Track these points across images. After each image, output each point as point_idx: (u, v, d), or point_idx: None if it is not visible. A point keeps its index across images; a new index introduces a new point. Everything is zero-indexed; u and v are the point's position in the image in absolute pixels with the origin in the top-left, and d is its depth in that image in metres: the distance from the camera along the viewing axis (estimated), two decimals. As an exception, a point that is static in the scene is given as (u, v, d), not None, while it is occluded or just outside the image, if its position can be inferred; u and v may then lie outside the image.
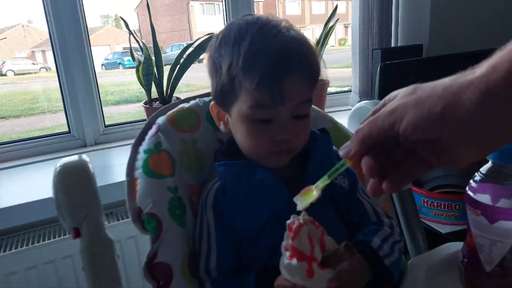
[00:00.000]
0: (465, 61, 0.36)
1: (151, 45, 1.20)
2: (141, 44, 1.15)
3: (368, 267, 0.56)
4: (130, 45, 1.17)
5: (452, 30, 1.51)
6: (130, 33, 1.15)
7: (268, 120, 0.59)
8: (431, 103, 0.32)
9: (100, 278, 0.53)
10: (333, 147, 0.71)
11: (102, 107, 1.33)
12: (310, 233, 0.47)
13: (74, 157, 0.58)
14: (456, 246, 0.67)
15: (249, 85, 0.56)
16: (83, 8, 1.21)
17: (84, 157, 0.58)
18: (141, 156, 0.65)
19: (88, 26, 1.21)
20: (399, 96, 0.37)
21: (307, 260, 0.46)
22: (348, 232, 0.65)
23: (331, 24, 1.48)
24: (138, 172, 0.63)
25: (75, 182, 0.53)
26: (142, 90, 1.23)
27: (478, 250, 0.56)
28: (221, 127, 0.67)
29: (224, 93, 0.61)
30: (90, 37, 1.22)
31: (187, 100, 0.75)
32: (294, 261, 0.46)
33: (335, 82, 1.97)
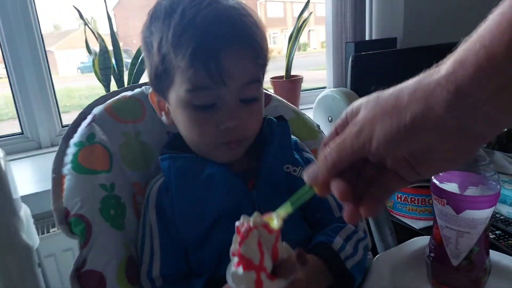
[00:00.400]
0: (438, 53, 0.32)
1: (129, 48, 1.14)
2: (96, 34, 1.07)
3: (327, 272, 0.50)
4: (86, 35, 1.09)
5: (426, 22, 1.48)
6: (85, 23, 1.08)
7: (210, 105, 0.52)
8: (399, 114, 0.29)
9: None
10: (293, 137, 0.66)
11: (60, 108, 1.26)
12: (260, 238, 0.40)
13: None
14: (424, 240, 0.62)
15: (181, 63, 0.49)
16: (36, 8, 1.15)
17: (-1, 152, 0.50)
18: (71, 150, 0.57)
19: (64, 29, 1.17)
20: (361, 110, 0.33)
21: (255, 269, 0.40)
22: (310, 230, 0.59)
23: (304, 17, 1.44)
24: (67, 168, 0.56)
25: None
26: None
27: (444, 242, 0.52)
28: (163, 118, 0.60)
29: (158, 77, 0.54)
30: (64, 40, 1.18)
31: (131, 87, 0.68)
32: (240, 269, 0.40)
33: (318, 84, 1.92)
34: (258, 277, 0.39)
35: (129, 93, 0.66)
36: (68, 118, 1.29)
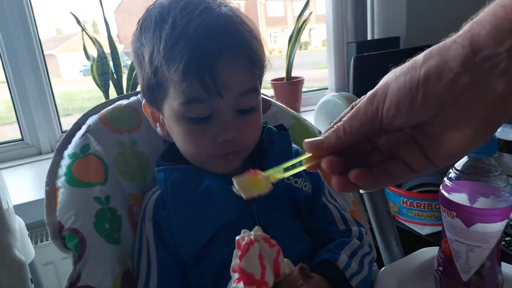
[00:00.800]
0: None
1: (126, 49, 1.13)
2: (93, 39, 1.06)
3: None
4: (84, 41, 1.08)
5: (429, 21, 1.46)
6: (83, 29, 1.06)
7: (206, 117, 0.50)
8: (413, 72, 0.29)
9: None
10: (294, 145, 0.64)
11: (61, 112, 1.26)
12: (262, 252, 0.39)
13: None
14: (431, 251, 0.60)
15: (175, 76, 0.47)
16: (33, 14, 1.15)
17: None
18: (65, 162, 0.56)
19: (66, 32, 1.18)
20: (379, 83, 0.32)
21: (256, 284, 0.38)
22: (313, 243, 0.57)
23: (304, 18, 1.42)
24: (61, 181, 0.54)
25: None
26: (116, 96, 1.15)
27: (454, 257, 0.49)
28: (158, 130, 0.59)
29: (151, 89, 0.52)
30: (66, 43, 1.20)
31: (127, 96, 0.66)
32: (241, 285, 0.39)
33: (319, 83, 1.90)
34: None
35: (124, 101, 0.65)
36: (70, 121, 1.28)
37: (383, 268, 0.59)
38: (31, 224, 0.88)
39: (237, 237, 0.40)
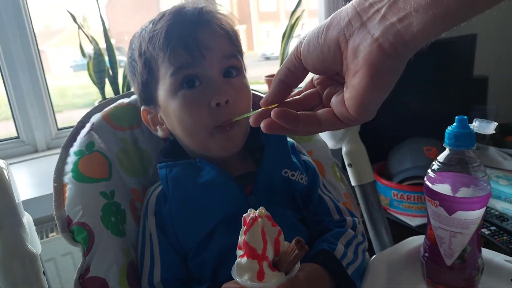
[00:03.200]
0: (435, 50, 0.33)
1: (121, 45, 1.13)
2: (90, 37, 1.07)
3: (329, 279, 0.51)
4: (80, 39, 1.09)
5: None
6: (79, 27, 1.08)
7: (195, 81, 0.54)
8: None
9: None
10: (290, 139, 0.66)
11: (54, 109, 1.25)
12: (264, 228, 0.43)
13: (-13, 163, 0.50)
14: (419, 239, 0.63)
15: (161, 52, 0.53)
16: (28, 8, 1.14)
17: (0, 162, 0.51)
18: (71, 159, 0.58)
19: (55, 28, 1.16)
20: None
21: (258, 259, 0.42)
22: (309, 232, 0.60)
23: (297, 15, 1.44)
24: (68, 177, 0.57)
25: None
26: (112, 92, 1.16)
27: (438, 243, 0.53)
28: (159, 132, 0.62)
29: (145, 84, 0.57)
30: (56, 39, 1.18)
31: (128, 94, 0.69)
32: (244, 259, 0.42)
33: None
34: (261, 268, 0.42)
35: (126, 100, 0.67)
36: (61, 118, 1.28)
37: (374, 256, 0.62)
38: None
39: (244, 215, 0.44)
